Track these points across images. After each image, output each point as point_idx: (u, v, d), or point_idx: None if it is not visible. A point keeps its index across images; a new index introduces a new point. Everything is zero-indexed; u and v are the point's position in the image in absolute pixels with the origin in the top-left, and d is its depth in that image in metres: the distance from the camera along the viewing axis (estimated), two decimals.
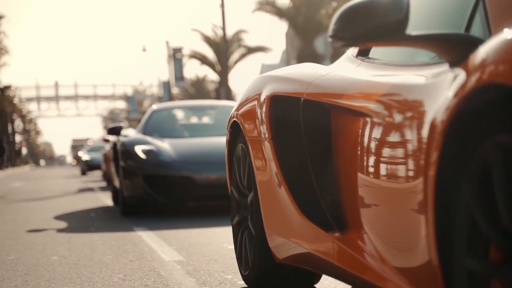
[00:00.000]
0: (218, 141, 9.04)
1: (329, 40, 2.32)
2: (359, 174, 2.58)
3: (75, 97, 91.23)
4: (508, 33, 1.78)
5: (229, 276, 4.37)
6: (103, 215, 9.53)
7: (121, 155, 9.05)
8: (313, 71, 3.21)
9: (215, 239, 6.25)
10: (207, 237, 6.41)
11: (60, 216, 9.46)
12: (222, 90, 38.90)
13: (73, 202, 12.64)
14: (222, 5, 34.49)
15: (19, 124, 78.28)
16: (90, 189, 17.62)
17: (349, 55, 3.25)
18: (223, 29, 35.39)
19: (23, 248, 6.11)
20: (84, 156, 34.44)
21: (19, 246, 6.27)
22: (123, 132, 9.97)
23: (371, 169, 2.48)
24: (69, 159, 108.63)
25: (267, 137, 3.28)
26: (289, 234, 3.15)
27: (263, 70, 78.05)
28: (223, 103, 11.60)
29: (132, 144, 9.02)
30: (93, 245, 6.12)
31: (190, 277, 4.39)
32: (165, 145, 9.00)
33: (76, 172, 41.99)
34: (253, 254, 3.58)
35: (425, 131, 2.07)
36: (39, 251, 5.83)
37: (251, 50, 45.70)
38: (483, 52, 1.84)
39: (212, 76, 68.48)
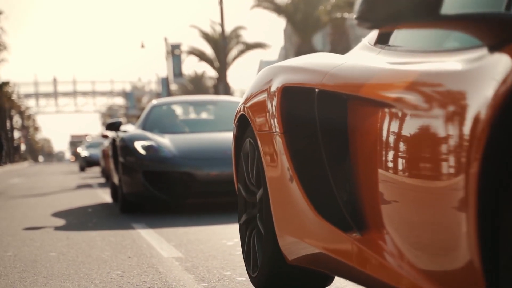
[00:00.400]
0: (219, 137, 8.96)
1: (355, 22, 2.10)
2: (380, 170, 2.38)
3: (74, 94, 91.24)
4: None
5: (228, 272, 4.35)
6: (101, 211, 9.51)
7: (121, 151, 8.92)
8: (328, 61, 2.97)
9: (214, 235, 6.23)
10: (206, 233, 6.39)
11: (58, 212, 9.44)
12: (220, 86, 38.87)
13: (71, 198, 12.62)
14: (220, 2, 34.43)
15: (17, 120, 78.24)
16: (88, 186, 17.60)
17: (366, 44, 3.03)
18: (222, 25, 35.35)
19: (21, 244, 6.09)
20: (83, 152, 34.32)
21: (17, 242, 6.25)
22: (122, 127, 9.83)
23: (397, 166, 2.27)
24: (68, 155, 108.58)
25: (278, 131, 3.07)
26: (301, 233, 2.97)
27: (261, 66, 77.99)
28: (224, 98, 11.45)
29: (131, 139, 8.89)
30: (91, 241, 6.10)
31: (188, 273, 4.37)
32: (165, 141, 8.86)
33: (74, 168, 41.95)
34: (262, 254, 3.38)
35: (466, 124, 1.88)
36: (37, 248, 5.81)
37: (249, 46, 45.71)
38: None
39: (210, 72, 68.50)
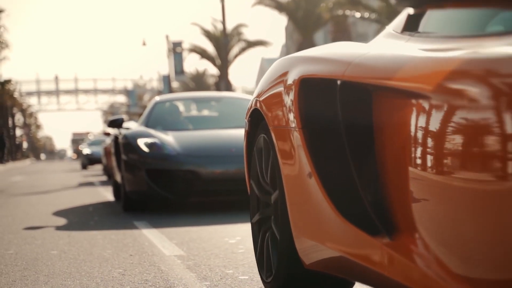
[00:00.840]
0: (223, 134, 8.83)
1: (393, 2, 1.95)
2: (412, 168, 2.16)
3: (75, 91, 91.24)
4: None
5: (230, 271, 4.32)
6: (103, 209, 9.48)
7: (123, 149, 8.78)
8: (350, 50, 2.73)
9: (216, 233, 6.20)
10: (208, 231, 6.37)
11: (60, 210, 9.42)
12: (222, 84, 38.82)
13: (73, 196, 12.60)
14: None
15: (19, 118, 78.26)
16: (90, 184, 17.57)
17: (390, 32, 2.81)
18: (223, 23, 35.30)
19: (23, 242, 6.07)
20: (84, 150, 34.30)
21: (18, 240, 6.23)
22: (125, 124, 9.67)
23: (434, 164, 2.04)
24: (70, 153, 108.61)
25: (296, 126, 2.82)
26: (321, 236, 2.73)
27: (263, 64, 78.00)
28: (229, 95, 11.26)
29: (134, 136, 8.72)
30: (93, 239, 6.08)
31: (190, 272, 4.34)
32: (168, 138, 8.69)
33: (76, 166, 41.94)
34: (277, 258, 3.15)
35: None
36: (38, 246, 5.79)
37: (251, 44, 45.64)
38: None
39: (212, 70, 68.49)
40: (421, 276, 2.13)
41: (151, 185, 8.30)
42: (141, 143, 8.56)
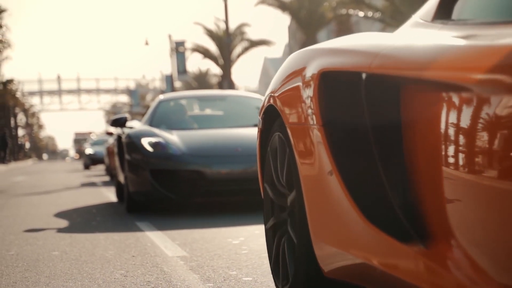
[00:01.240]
0: (229, 133, 8.66)
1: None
2: (447, 169, 1.96)
3: (78, 91, 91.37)
4: None
5: (233, 272, 4.27)
6: (105, 210, 9.43)
7: (127, 148, 8.57)
8: (376, 41, 2.49)
9: (220, 234, 6.15)
10: (211, 232, 6.31)
11: (61, 211, 9.37)
12: (225, 83, 38.81)
13: (75, 197, 12.56)
14: None
15: (21, 118, 78.33)
16: (93, 184, 17.54)
17: (418, 21, 2.61)
18: (226, 22, 35.29)
19: (24, 243, 6.01)
20: (87, 150, 34.19)
21: (19, 241, 6.18)
22: (128, 123, 9.48)
23: (475, 164, 1.85)
24: (72, 153, 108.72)
25: (316, 123, 2.59)
26: (344, 243, 2.50)
27: (266, 63, 78.03)
28: (234, 93, 11.02)
29: (138, 136, 8.48)
30: (95, 240, 6.02)
31: (193, 273, 4.29)
32: (173, 137, 8.45)
33: (79, 166, 41.93)
34: (294, 265, 2.95)
35: None
36: (39, 246, 5.73)
37: (253, 43, 45.62)
38: None
39: (214, 69, 68.56)
40: (460, 285, 1.93)
41: (155, 185, 8.09)
42: (145, 142, 8.34)
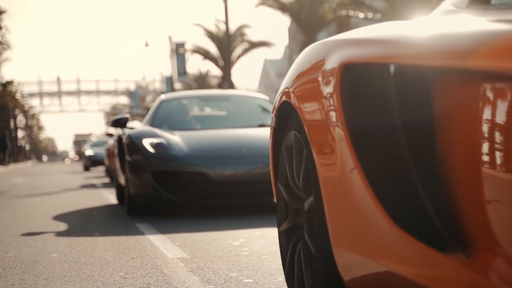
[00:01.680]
0: (233, 134, 8.46)
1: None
2: (486, 168, 1.76)
3: (78, 93, 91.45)
4: None
5: (234, 274, 4.22)
6: (105, 211, 9.39)
7: (128, 149, 8.34)
8: (405, 30, 2.24)
9: (220, 235, 6.10)
10: (212, 233, 6.26)
11: (61, 212, 9.32)
12: (225, 85, 38.77)
13: (75, 198, 12.52)
14: (225, 0, 34.33)
15: (21, 119, 78.33)
16: (92, 186, 17.50)
17: (450, 8, 2.39)
18: (226, 24, 35.26)
19: (22, 245, 5.97)
20: (87, 151, 34.07)
21: (18, 243, 6.13)
22: (129, 124, 9.26)
23: None
24: (72, 154, 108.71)
25: (337, 120, 2.37)
26: (369, 250, 2.28)
27: (266, 65, 78.04)
28: (237, 93, 10.80)
29: (139, 136, 8.23)
30: (94, 242, 5.98)
31: (194, 275, 4.25)
32: (175, 138, 8.21)
33: (78, 167, 41.88)
34: (311, 273, 2.73)
35: None
36: (38, 248, 5.68)
37: (254, 45, 45.62)
38: None
39: (214, 71, 68.55)
40: None
41: (157, 187, 7.86)
42: (147, 143, 8.12)
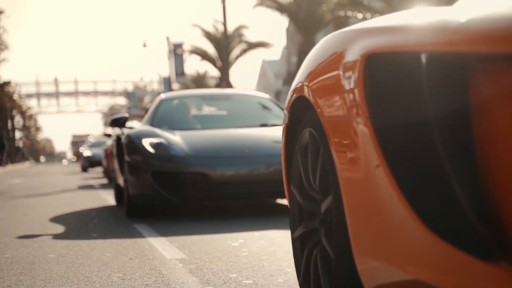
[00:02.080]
0: (235, 134, 8.29)
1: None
2: None
3: (75, 93, 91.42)
4: None
5: (233, 275, 4.18)
6: (103, 212, 9.34)
7: (127, 149, 8.17)
8: (436, 14, 1.97)
9: (219, 236, 6.06)
10: (210, 234, 6.22)
11: (58, 213, 9.28)
12: (222, 86, 38.74)
13: (73, 199, 12.47)
14: (223, 1, 34.32)
15: (19, 120, 78.27)
16: (90, 186, 17.45)
17: None
18: (224, 24, 35.23)
19: (20, 245, 5.92)
20: (85, 152, 33.93)
21: (15, 243, 6.08)
22: (128, 123, 9.06)
23: None
24: (69, 155, 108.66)
25: (361, 115, 2.16)
26: (395, 257, 2.07)
27: (264, 66, 77.98)
28: (239, 92, 10.50)
29: (139, 136, 8.05)
30: (91, 242, 5.93)
31: (193, 276, 4.21)
32: (176, 138, 8.04)
33: (76, 168, 41.82)
34: (330, 281, 2.55)
35: None
36: (35, 249, 5.64)
37: (252, 45, 45.62)
38: None
39: (212, 72, 68.49)
40: None
41: (157, 188, 7.68)
42: (146, 143, 7.95)
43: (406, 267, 2.01)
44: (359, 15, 30.07)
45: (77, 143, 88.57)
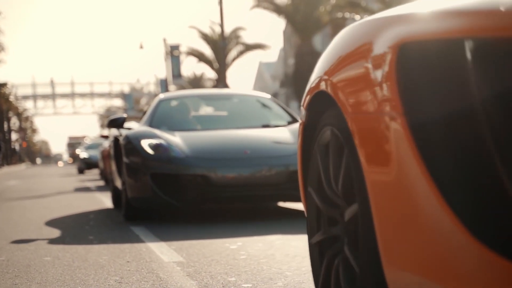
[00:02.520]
0: (236, 135, 8.10)
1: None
2: None
3: (72, 95, 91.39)
4: None
5: (232, 278, 4.12)
6: (99, 214, 9.28)
7: (125, 151, 7.90)
8: None
9: (216, 238, 6.00)
10: (208, 236, 6.16)
11: (55, 215, 9.22)
12: (220, 87, 38.70)
13: (69, 201, 12.42)
14: (220, 2, 34.28)
15: (15, 122, 78.18)
16: (87, 188, 17.39)
17: None
18: (221, 26, 35.18)
19: (15, 248, 5.86)
20: (82, 153, 33.78)
21: (10, 246, 6.02)
22: (126, 124, 8.83)
23: None
24: (66, 157, 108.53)
25: (394, 111, 1.92)
26: (435, 270, 1.80)
27: (261, 68, 77.97)
28: (240, 92, 10.29)
29: (137, 137, 7.84)
30: (88, 245, 5.87)
31: (191, 279, 4.15)
32: (175, 139, 7.84)
33: (72, 170, 41.75)
34: None
35: None
36: (31, 252, 5.57)
37: (249, 47, 45.58)
38: None
39: (209, 73, 68.57)
40: None
41: (157, 191, 7.48)
42: (145, 144, 7.75)
43: (446, 281, 1.77)
44: (357, 17, 30.07)
45: (74, 145, 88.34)
